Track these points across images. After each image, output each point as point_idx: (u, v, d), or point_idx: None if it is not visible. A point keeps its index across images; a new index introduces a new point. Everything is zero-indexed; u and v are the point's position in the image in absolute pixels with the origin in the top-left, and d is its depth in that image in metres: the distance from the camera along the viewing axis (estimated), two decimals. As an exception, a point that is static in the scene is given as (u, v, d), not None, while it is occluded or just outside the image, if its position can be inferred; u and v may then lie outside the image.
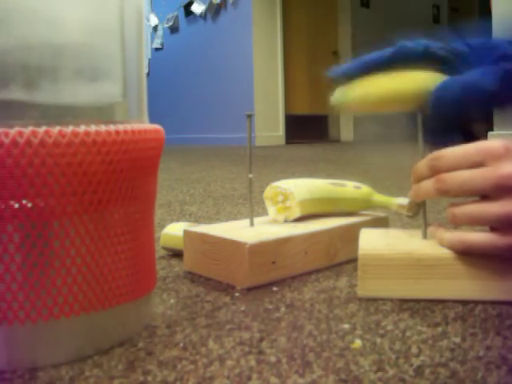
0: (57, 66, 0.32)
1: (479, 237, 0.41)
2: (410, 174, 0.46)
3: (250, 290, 0.47)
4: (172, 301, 0.45)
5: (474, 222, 0.41)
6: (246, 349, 0.34)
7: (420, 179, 0.45)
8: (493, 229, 0.40)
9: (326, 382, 0.30)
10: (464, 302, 0.42)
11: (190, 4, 5.05)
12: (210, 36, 4.92)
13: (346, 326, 0.38)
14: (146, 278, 0.38)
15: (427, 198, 0.45)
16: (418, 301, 0.43)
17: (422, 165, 0.44)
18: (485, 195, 0.40)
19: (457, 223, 0.42)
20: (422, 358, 0.32)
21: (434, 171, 0.43)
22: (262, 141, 4.35)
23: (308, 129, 5.02)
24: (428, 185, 0.43)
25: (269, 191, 0.57)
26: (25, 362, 0.32)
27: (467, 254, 0.42)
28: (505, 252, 0.40)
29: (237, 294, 0.46)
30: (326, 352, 0.34)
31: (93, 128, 0.32)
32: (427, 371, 0.31)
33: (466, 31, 0.48)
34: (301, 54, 4.95)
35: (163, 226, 0.62)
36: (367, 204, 0.62)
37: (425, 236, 0.46)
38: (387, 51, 0.48)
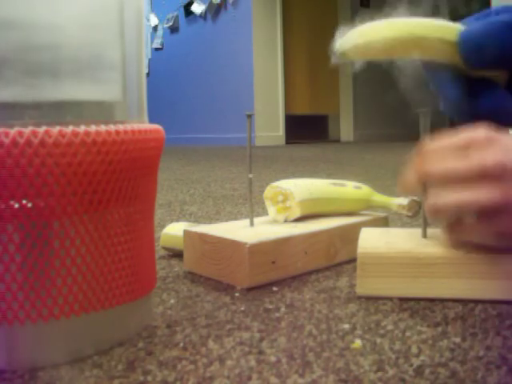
0: (57, 66, 0.32)
1: (470, 195, 0.38)
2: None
3: (249, 290, 0.47)
4: (172, 301, 0.45)
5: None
6: (246, 349, 0.34)
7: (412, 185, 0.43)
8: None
9: (326, 382, 0.30)
10: (464, 302, 0.42)
11: (190, 4, 5.05)
12: (210, 36, 4.92)
13: (346, 325, 0.38)
14: (145, 278, 0.38)
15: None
16: (418, 300, 0.43)
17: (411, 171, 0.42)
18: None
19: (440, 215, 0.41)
20: (422, 357, 0.32)
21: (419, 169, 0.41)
22: (261, 141, 4.35)
23: (308, 129, 5.02)
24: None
25: (269, 191, 0.57)
26: (25, 362, 0.32)
27: (467, 253, 0.42)
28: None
29: (237, 294, 0.46)
30: (326, 352, 0.34)
31: (93, 128, 0.32)
32: (427, 371, 0.31)
33: None
34: (301, 54, 4.95)
35: (163, 226, 0.62)
36: (367, 204, 0.62)
37: (425, 235, 0.46)
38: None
